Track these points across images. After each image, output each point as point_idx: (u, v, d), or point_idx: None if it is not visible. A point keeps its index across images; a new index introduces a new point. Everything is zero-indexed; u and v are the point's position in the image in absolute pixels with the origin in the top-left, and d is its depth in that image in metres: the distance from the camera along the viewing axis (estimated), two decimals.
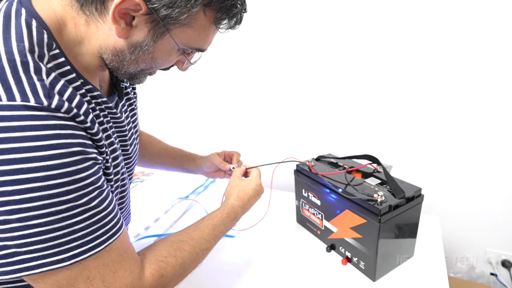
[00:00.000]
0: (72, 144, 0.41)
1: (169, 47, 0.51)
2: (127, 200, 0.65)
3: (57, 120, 0.40)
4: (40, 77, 0.40)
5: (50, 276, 0.42)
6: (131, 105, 0.70)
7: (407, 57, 1.10)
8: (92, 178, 0.43)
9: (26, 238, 0.39)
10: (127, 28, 0.47)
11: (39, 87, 0.39)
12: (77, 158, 0.41)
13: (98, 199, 0.44)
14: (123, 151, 0.64)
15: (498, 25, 0.98)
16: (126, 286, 0.47)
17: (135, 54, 0.50)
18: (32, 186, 0.38)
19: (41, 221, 0.39)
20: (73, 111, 0.42)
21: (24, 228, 0.39)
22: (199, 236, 0.61)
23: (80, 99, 0.44)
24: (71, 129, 0.41)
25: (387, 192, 0.72)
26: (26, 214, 0.38)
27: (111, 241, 0.46)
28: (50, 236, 0.40)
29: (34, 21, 0.43)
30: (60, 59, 0.45)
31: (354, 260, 0.77)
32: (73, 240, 0.42)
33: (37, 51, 0.42)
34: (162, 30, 0.48)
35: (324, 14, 1.15)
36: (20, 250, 0.39)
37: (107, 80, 0.62)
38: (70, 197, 0.40)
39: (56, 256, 0.41)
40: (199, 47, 0.54)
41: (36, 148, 0.38)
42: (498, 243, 1.21)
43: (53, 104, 0.39)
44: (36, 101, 0.38)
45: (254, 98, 1.38)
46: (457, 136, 1.13)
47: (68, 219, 0.41)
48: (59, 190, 0.39)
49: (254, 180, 0.76)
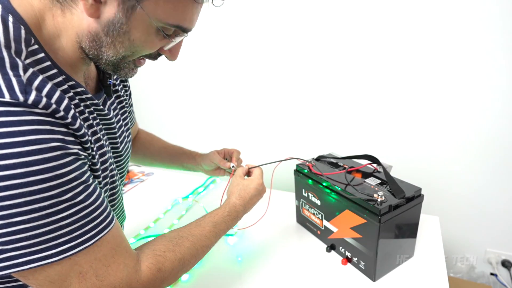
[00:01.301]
0: (50, 139, 0.40)
1: (144, 24, 0.48)
2: (118, 198, 0.64)
3: (34, 116, 0.39)
4: (17, 73, 0.39)
5: (41, 272, 0.42)
6: (121, 103, 0.70)
7: (407, 58, 1.10)
8: (75, 173, 0.43)
9: (11, 236, 0.39)
10: (96, 4, 0.45)
11: (15, 83, 0.39)
12: (57, 154, 0.41)
13: (84, 194, 0.44)
14: (113, 149, 0.63)
15: (498, 25, 0.98)
16: (121, 280, 0.47)
17: (110, 36, 0.48)
18: (12, 183, 0.37)
19: (24, 218, 0.39)
20: (52, 107, 0.41)
21: (7, 225, 0.38)
22: (199, 233, 0.60)
23: (60, 95, 0.44)
24: (49, 125, 0.40)
25: (387, 192, 0.72)
26: (8, 212, 0.38)
27: (102, 235, 0.46)
28: (36, 232, 0.40)
29: (10, 17, 0.42)
30: (39, 54, 0.45)
31: (354, 260, 0.77)
32: (60, 236, 0.41)
33: (13, 46, 0.41)
34: (132, 3, 0.45)
35: (325, 14, 1.15)
36: (7, 248, 0.39)
37: (94, 77, 0.61)
38: (53, 193, 0.40)
39: (44, 252, 0.41)
40: (178, 23, 0.50)
41: (13, 144, 0.37)
42: (498, 243, 1.21)
43: (30, 99, 0.39)
44: (11, 97, 0.38)
45: (255, 98, 1.38)
46: (457, 136, 1.13)
47: (53, 215, 0.40)
48: (41, 186, 0.39)
49: (256, 180, 0.76)
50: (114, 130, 0.63)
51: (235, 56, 1.35)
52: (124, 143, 0.69)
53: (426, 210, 0.85)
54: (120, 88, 0.71)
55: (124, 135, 0.69)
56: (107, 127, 0.61)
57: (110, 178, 0.59)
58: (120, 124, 0.67)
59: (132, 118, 0.82)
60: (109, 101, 0.63)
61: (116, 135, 0.64)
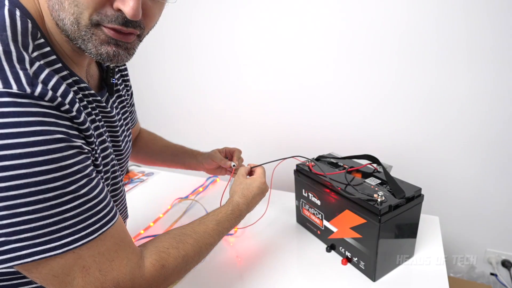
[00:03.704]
0: (55, 131, 0.40)
1: None
2: (120, 194, 0.64)
3: (40, 108, 0.39)
4: (23, 66, 0.40)
5: (44, 266, 0.42)
6: (122, 103, 0.70)
7: (406, 58, 1.10)
8: (79, 166, 0.43)
9: (15, 226, 0.39)
10: None
11: (22, 76, 0.39)
12: (61, 145, 0.41)
13: (88, 187, 0.44)
14: (114, 146, 0.63)
15: (499, 25, 0.98)
16: (124, 275, 0.47)
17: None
18: (17, 173, 0.37)
19: (29, 209, 0.39)
20: (58, 100, 0.41)
21: (12, 216, 0.38)
22: (203, 231, 0.60)
23: (66, 88, 0.44)
24: (54, 118, 0.41)
25: (387, 192, 0.72)
26: (13, 202, 0.38)
27: (105, 229, 0.45)
28: (40, 224, 0.39)
29: (17, 11, 0.43)
30: (45, 48, 0.45)
31: (354, 260, 0.77)
32: (64, 228, 0.41)
33: (20, 40, 0.41)
34: None
35: (325, 14, 1.15)
36: (10, 239, 0.39)
37: (96, 76, 0.62)
38: (57, 184, 0.40)
39: (47, 244, 0.40)
40: None
41: (19, 135, 0.37)
42: (498, 243, 1.21)
43: (36, 92, 0.39)
44: (18, 88, 0.38)
45: (255, 98, 1.38)
46: (457, 136, 1.13)
47: (58, 206, 0.40)
48: (46, 177, 0.39)
49: (259, 178, 0.77)
50: (116, 128, 0.63)
51: (236, 56, 1.35)
52: (125, 142, 0.69)
53: (426, 210, 0.85)
54: (122, 87, 0.71)
55: (124, 134, 0.69)
56: (109, 124, 0.61)
57: (112, 173, 0.59)
58: (121, 123, 0.67)
59: (133, 117, 0.82)
60: (111, 100, 0.63)
61: (118, 133, 0.64)
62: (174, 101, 1.57)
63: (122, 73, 0.73)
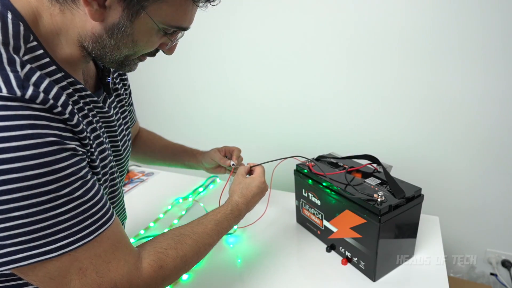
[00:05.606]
0: (47, 134, 0.40)
1: (147, 27, 0.49)
2: (119, 196, 0.64)
3: (31, 111, 0.39)
4: (14, 69, 0.39)
5: (40, 269, 0.42)
6: (121, 102, 0.70)
7: (406, 58, 1.10)
8: (72, 169, 0.42)
9: (9, 231, 0.39)
10: (101, 9, 0.45)
11: (13, 78, 0.39)
12: (54, 148, 0.40)
13: (82, 189, 0.43)
14: (113, 147, 0.63)
15: (498, 25, 0.98)
16: (121, 276, 0.47)
17: (114, 38, 0.48)
18: (9, 178, 0.37)
19: (22, 213, 0.38)
20: (50, 102, 0.41)
21: (6, 220, 0.38)
22: (201, 231, 0.60)
23: (58, 91, 0.44)
24: (46, 120, 0.40)
25: (387, 192, 0.72)
26: (6, 206, 0.38)
27: (101, 231, 0.45)
28: (34, 227, 0.39)
29: (9, 13, 0.43)
30: (38, 51, 0.45)
31: (354, 260, 0.77)
32: (59, 231, 0.41)
33: (12, 43, 0.41)
34: (137, 8, 0.46)
35: (326, 14, 1.15)
36: (5, 243, 0.39)
37: (93, 76, 0.61)
38: (50, 188, 0.40)
39: (43, 247, 0.40)
40: (179, 24, 0.51)
41: (9, 138, 0.37)
42: (498, 243, 1.21)
43: (27, 94, 0.39)
44: (8, 91, 0.37)
45: (256, 98, 1.38)
46: (457, 136, 1.13)
47: (52, 210, 0.40)
48: (38, 181, 0.39)
49: (258, 178, 0.76)
50: (114, 128, 0.63)
51: (236, 56, 1.35)
52: (124, 141, 0.69)
53: (426, 210, 0.85)
54: (120, 87, 0.71)
55: (123, 133, 0.69)
56: (107, 125, 0.61)
57: (110, 175, 0.58)
58: (120, 122, 0.67)
59: (132, 117, 0.82)
60: (109, 100, 0.63)
61: (116, 133, 0.64)
62: (174, 101, 1.57)
63: (119, 72, 0.73)
